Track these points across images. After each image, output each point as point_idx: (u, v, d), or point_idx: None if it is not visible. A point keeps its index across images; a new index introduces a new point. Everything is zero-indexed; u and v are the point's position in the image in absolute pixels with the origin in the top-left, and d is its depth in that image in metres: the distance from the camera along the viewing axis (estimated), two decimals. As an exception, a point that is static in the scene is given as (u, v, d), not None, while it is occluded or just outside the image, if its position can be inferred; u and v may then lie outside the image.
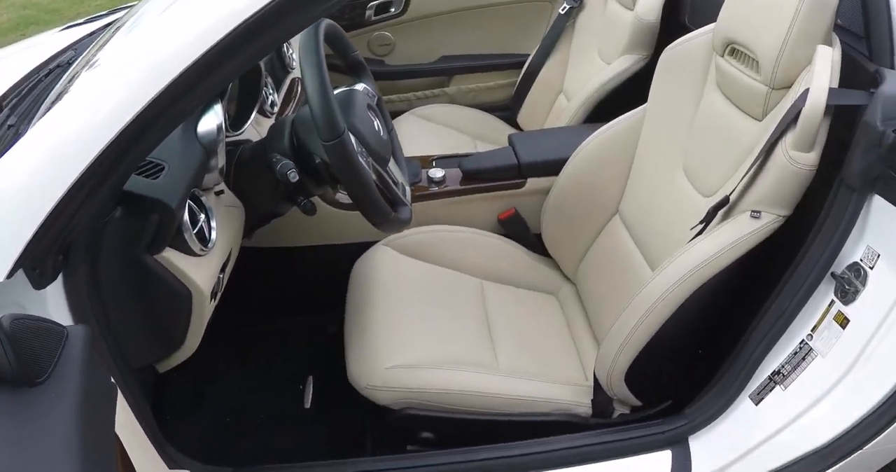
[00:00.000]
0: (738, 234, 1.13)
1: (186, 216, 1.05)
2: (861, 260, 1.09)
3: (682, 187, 1.38)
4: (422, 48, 2.47)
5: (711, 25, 1.37)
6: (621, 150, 1.53)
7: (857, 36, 1.25)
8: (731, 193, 1.17)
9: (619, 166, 1.54)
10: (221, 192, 1.24)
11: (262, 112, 1.57)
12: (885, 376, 1.06)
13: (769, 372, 1.19)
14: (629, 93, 1.83)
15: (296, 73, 1.91)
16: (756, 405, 1.20)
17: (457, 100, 2.52)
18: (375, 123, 1.28)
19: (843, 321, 1.10)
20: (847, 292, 1.09)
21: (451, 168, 1.73)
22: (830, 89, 1.07)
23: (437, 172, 1.68)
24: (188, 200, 1.06)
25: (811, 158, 1.08)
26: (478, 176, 1.69)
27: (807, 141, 1.07)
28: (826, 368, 1.12)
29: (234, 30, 0.80)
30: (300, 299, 1.77)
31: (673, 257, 1.18)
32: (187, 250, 1.06)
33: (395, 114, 2.33)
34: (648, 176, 1.48)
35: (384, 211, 1.18)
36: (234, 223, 1.27)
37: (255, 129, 1.50)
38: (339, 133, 1.07)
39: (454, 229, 1.65)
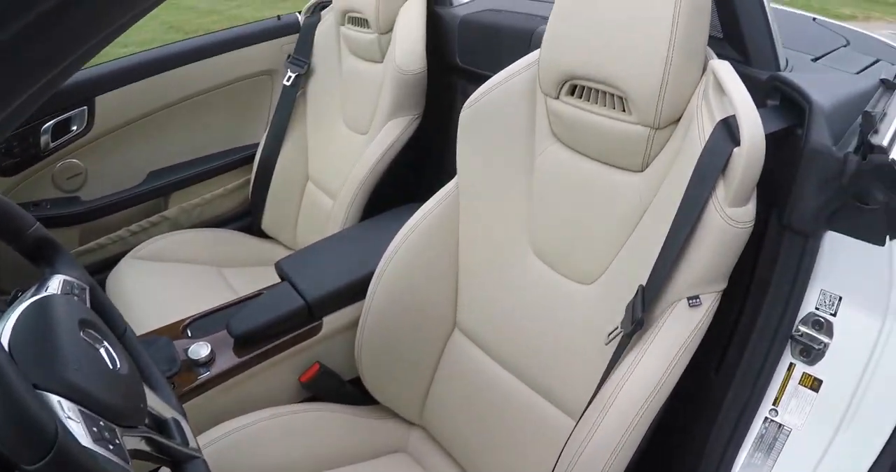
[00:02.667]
0: (681, 335, 0.89)
1: None
2: (818, 309, 0.92)
3: (541, 277, 1.11)
4: (123, 169, 1.94)
5: (525, 61, 1.10)
6: (441, 246, 1.22)
7: (712, 38, 1.05)
8: (649, 278, 0.91)
9: (444, 267, 1.23)
10: None
11: None
12: (878, 431, 0.88)
13: (739, 467, 0.97)
14: (408, 167, 1.54)
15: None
16: None
17: (182, 223, 2.03)
18: (101, 351, 0.80)
19: (815, 384, 0.92)
20: (811, 351, 0.91)
21: (217, 332, 1.28)
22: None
23: (200, 350, 1.22)
24: None
25: (750, 211, 0.86)
26: (256, 337, 1.26)
27: (746, 191, 0.84)
28: (806, 441, 0.92)
29: None
30: None
31: (606, 392, 0.91)
32: None
33: (111, 263, 1.82)
34: (485, 272, 1.19)
35: None
36: None
37: None
38: (49, 443, 0.54)
39: (250, 421, 1.18)
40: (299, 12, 2.01)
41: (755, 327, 0.96)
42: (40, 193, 1.83)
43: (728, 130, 0.85)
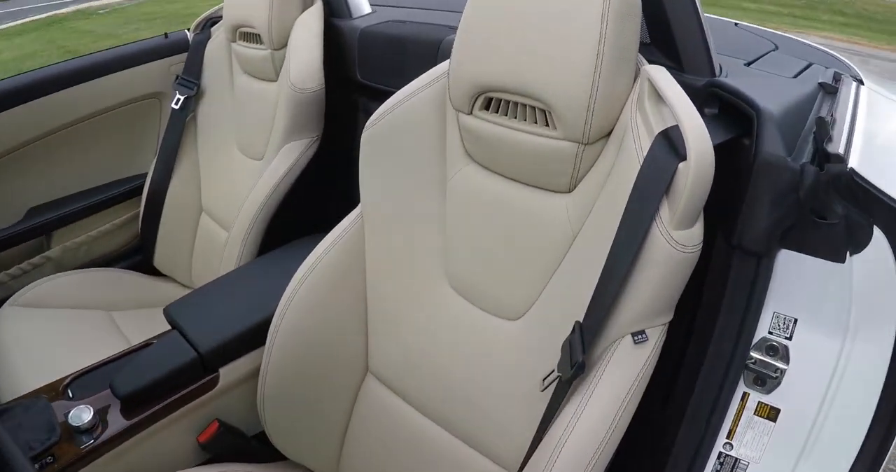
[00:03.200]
0: (628, 377, 0.80)
1: None
2: (771, 333, 0.85)
3: (461, 314, 1.01)
4: None
5: (432, 74, 1.01)
6: (348, 280, 1.11)
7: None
8: (586, 314, 0.81)
9: (350, 307, 1.12)
10: None
11: None
12: (840, 460, 0.82)
13: None
14: (309, 195, 1.43)
15: None
16: None
17: (67, 264, 1.85)
18: None
19: (771, 413, 0.85)
20: (766, 379, 0.85)
21: (102, 391, 1.13)
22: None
23: (81, 415, 1.06)
24: None
25: (698, 233, 0.77)
26: (145, 396, 1.11)
27: (694, 211, 0.75)
28: None
29: None
30: None
31: (547, 446, 0.81)
32: None
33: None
34: (398, 310, 1.08)
35: None
36: None
37: None
38: None
39: None
40: (188, 29, 1.87)
41: (706, 357, 0.89)
42: None
43: (669, 143, 0.77)
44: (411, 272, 1.08)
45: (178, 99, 1.73)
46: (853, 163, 0.81)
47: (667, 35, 1.00)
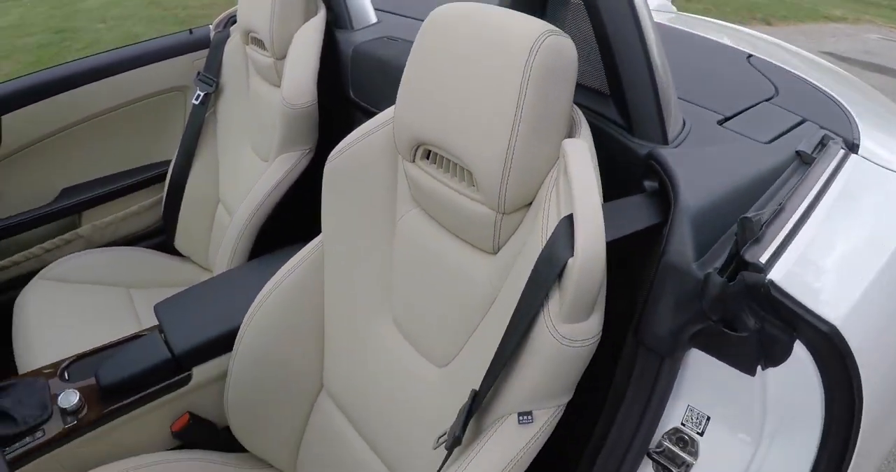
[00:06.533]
0: (506, 456, 0.79)
1: None
2: (684, 425, 0.80)
3: (400, 352, 1.04)
4: (34, 187, 1.91)
5: (389, 113, 1.00)
6: (307, 302, 1.18)
7: (599, 94, 0.93)
8: (479, 387, 0.81)
9: (309, 326, 1.19)
10: None
11: None
12: None
13: None
14: (302, 204, 1.48)
15: None
16: None
17: (96, 241, 2.00)
18: None
19: None
20: (671, 470, 0.80)
21: (90, 378, 1.26)
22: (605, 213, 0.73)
23: (70, 397, 1.20)
24: None
25: (591, 326, 0.75)
26: (124, 387, 1.24)
27: (582, 307, 0.73)
28: None
29: None
30: None
31: None
32: None
33: (25, 279, 1.79)
34: (347, 337, 1.14)
35: None
36: None
37: None
38: None
39: (120, 469, 1.19)
40: (211, 26, 1.95)
41: (606, 442, 0.85)
42: (-51, 213, 1.81)
43: (569, 231, 0.72)
44: (360, 303, 1.12)
45: (199, 94, 1.81)
46: (781, 271, 0.72)
47: (620, 92, 0.93)
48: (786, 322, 0.70)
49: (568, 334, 0.74)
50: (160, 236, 2.03)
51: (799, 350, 0.71)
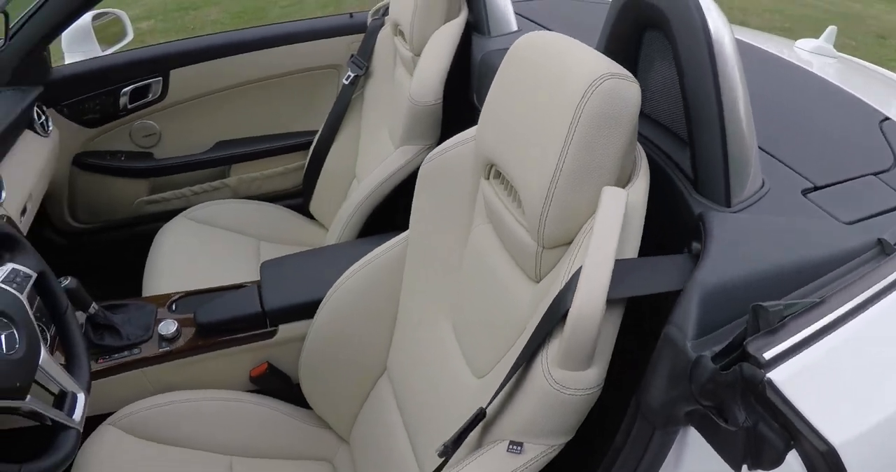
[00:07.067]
0: None
1: None
2: None
3: (451, 354, 1.09)
4: (193, 135, 2.14)
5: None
6: (385, 289, 1.26)
7: (680, 140, 0.89)
8: (487, 405, 0.84)
9: (383, 311, 1.27)
10: None
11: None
12: None
13: None
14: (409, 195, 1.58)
15: None
16: None
17: (240, 192, 2.20)
18: (1, 337, 0.95)
19: None
20: None
21: (191, 313, 1.41)
22: (619, 270, 0.72)
23: (169, 326, 1.37)
24: None
25: (591, 377, 0.75)
26: (216, 330, 1.38)
27: (578, 357, 0.74)
28: None
29: None
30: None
31: None
32: None
33: (170, 215, 2.01)
34: (413, 329, 1.21)
35: None
36: None
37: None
38: None
39: (195, 397, 1.35)
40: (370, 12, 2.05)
41: None
42: (118, 146, 2.06)
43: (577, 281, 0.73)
44: (429, 301, 1.18)
45: (349, 75, 1.93)
46: (788, 371, 0.65)
47: (691, 142, 0.88)
48: (784, 428, 0.64)
49: (560, 380, 0.75)
50: (298, 198, 2.18)
51: (793, 460, 0.64)
